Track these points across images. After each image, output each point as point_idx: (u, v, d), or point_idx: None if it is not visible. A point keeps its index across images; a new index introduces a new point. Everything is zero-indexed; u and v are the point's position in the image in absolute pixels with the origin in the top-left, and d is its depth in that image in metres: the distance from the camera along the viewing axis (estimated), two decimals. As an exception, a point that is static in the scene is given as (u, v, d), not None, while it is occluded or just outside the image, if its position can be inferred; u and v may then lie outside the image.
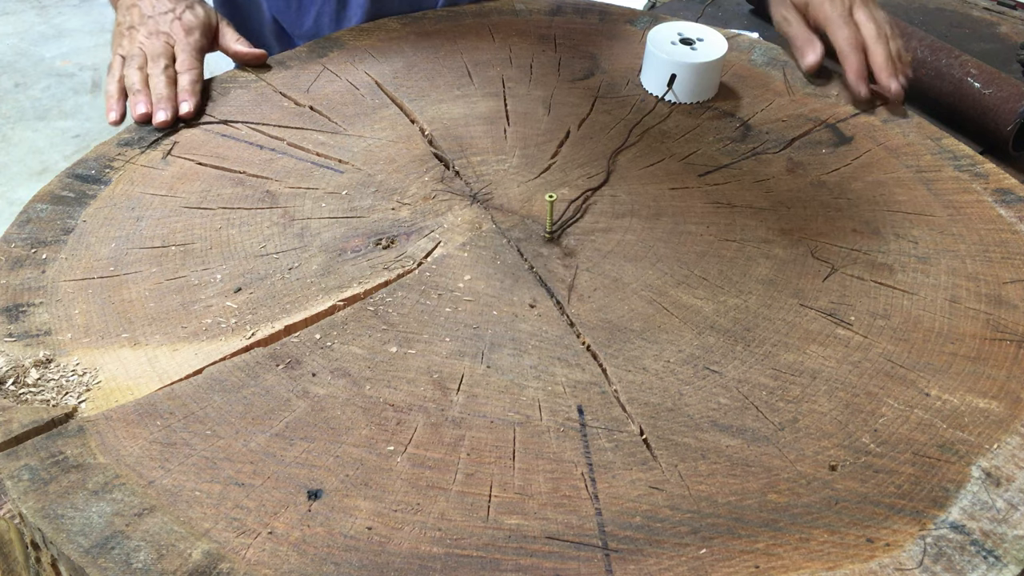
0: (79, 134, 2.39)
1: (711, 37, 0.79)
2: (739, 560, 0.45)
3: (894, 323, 0.58)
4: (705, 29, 0.80)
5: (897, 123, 0.78)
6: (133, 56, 0.76)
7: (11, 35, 2.82)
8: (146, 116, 0.73)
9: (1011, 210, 0.68)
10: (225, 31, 0.83)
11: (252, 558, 0.44)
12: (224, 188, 0.68)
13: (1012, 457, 0.50)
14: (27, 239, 0.63)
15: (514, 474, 0.48)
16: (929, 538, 0.46)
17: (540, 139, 0.75)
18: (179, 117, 0.73)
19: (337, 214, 0.66)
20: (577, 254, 0.63)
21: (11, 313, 0.57)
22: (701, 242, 0.64)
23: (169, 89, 0.74)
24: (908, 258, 0.64)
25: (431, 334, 0.56)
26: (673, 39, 0.79)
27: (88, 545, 0.44)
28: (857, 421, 0.52)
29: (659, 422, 0.51)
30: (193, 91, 0.75)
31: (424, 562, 0.44)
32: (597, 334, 0.57)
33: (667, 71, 0.75)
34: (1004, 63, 1.04)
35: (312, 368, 0.54)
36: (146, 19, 0.79)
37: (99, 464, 0.48)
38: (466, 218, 0.66)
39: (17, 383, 0.52)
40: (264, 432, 0.50)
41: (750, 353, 0.56)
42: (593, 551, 0.45)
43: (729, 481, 0.48)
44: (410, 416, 0.51)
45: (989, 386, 0.54)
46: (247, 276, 0.60)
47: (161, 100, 0.73)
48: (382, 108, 0.78)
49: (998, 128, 0.87)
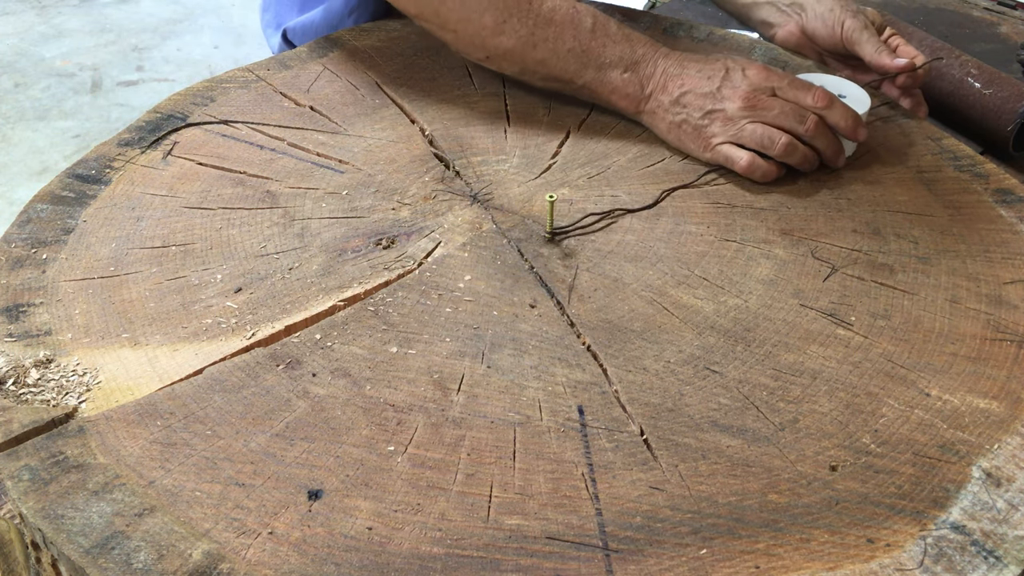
0: (79, 134, 2.39)
1: (855, 94, 0.75)
2: (739, 560, 0.45)
3: (894, 323, 0.58)
4: (850, 85, 0.76)
5: (897, 123, 0.78)
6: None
7: (11, 35, 2.82)
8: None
9: (1011, 210, 0.68)
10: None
11: (252, 558, 0.44)
12: (224, 188, 0.68)
13: (1012, 457, 0.50)
14: (27, 239, 0.63)
15: (514, 474, 0.48)
16: (929, 538, 0.46)
17: (540, 139, 0.75)
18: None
19: (337, 214, 0.66)
20: (577, 254, 0.63)
21: (11, 313, 0.57)
22: (701, 242, 0.64)
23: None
24: (908, 258, 0.64)
25: (431, 334, 0.56)
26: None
27: (88, 545, 0.44)
28: (857, 421, 0.52)
29: (659, 422, 0.51)
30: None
31: (424, 562, 0.44)
32: (597, 334, 0.57)
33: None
34: (1004, 63, 1.04)
35: (312, 368, 0.54)
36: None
37: (99, 464, 0.48)
38: (466, 218, 0.66)
39: (17, 383, 0.52)
40: (264, 432, 0.50)
41: (750, 353, 0.56)
42: (593, 551, 0.45)
43: (729, 481, 0.48)
44: (410, 416, 0.51)
45: (989, 386, 0.54)
46: (247, 276, 0.60)
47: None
48: (382, 108, 0.78)
49: (998, 128, 0.87)
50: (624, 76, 0.74)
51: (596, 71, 0.74)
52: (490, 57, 0.76)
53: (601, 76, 0.74)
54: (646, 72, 0.73)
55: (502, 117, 0.77)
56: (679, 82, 0.72)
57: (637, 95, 0.74)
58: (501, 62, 0.77)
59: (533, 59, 0.75)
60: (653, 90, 0.73)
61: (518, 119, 0.77)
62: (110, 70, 2.68)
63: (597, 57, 0.73)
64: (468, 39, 0.76)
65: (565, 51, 0.74)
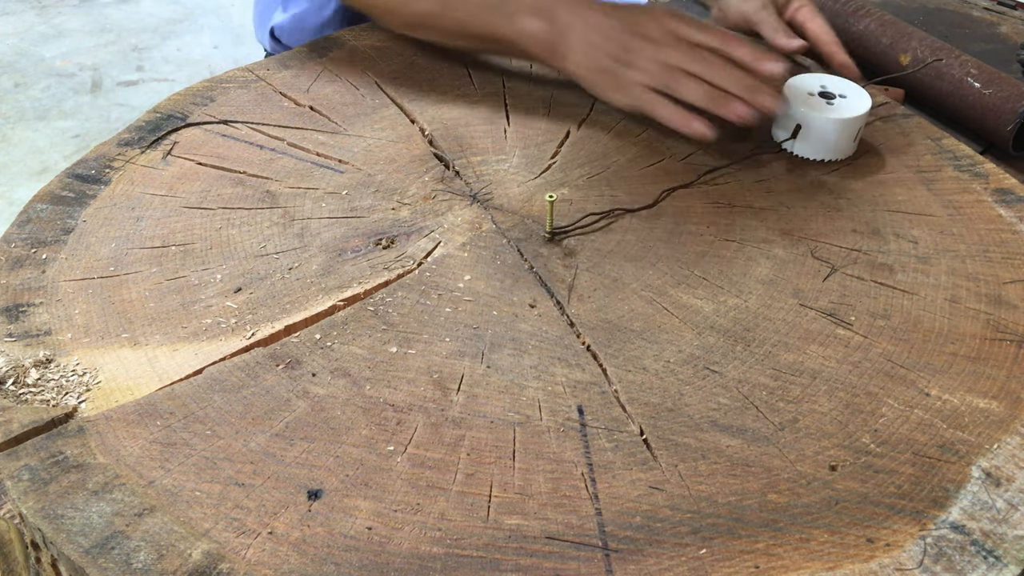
0: (79, 134, 2.39)
1: (855, 93, 0.75)
2: (739, 560, 0.45)
3: (894, 323, 0.58)
4: (850, 85, 0.76)
5: (897, 123, 0.78)
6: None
7: (11, 35, 2.82)
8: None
9: (1011, 210, 0.68)
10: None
11: (252, 558, 0.44)
12: (224, 188, 0.68)
13: (1012, 457, 0.50)
14: (27, 239, 0.63)
15: (514, 474, 0.48)
16: (929, 538, 0.46)
17: (540, 139, 0.75)
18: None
19: (337, 214, 0.66)
20: (577, 254, 0.63)
21: (11, 313, 0.57)
22: (701, 242, 0.64)
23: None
24: (908, 258, 0.64)
25: (431, 334, 0.56)
26: (812, 90, 0.76)
27: (88, 545, 0.44)
28: (857, 421, 0.52)
29: (659, 422, 0.51)
30: None
31: (424, 562, 0.44)
32: (597, 334, 0.57)
33: (794, 120, 0.73)
34: (1004, 63, 1.04)
35: (312, 368, 0.54)
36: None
37: (99, 464, 0.48)
38: (466, 218, 0.66)
39: (17, 383, 0.52)
40: (264, 432, 0.50)
41: (750, 353, 0.56)
42: (593, 551, 0.45)
43: (729, 481, 0.48)
44: (410, 416, 0.51)
45: (989, 386, 0.54)
46: (247, 276, 0.60)
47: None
48: (382, 108, 0.78)
49: (998, 128, 0.87)
50: (537, 24, 0.74)
51: (510, 21, 0.75)
52: (410, 24, 0.79)
53: (515, 26, 0.75)
54: (559, 19, 0.74)
55: (502, 117, 0.77)
56: (593, 25, 0.72)
57: (552, 41, 0.74)
58: (420, 28, 0.79)
59: (451, 20, 0.77)
60: (567, 36, 0.73)
61: (518, 119, 0.77)
62: (110, 70, 2.69)
63: (509, 7, 0.74)
64: (386, 8, 0.80)
65: (478, 6, 0.75)
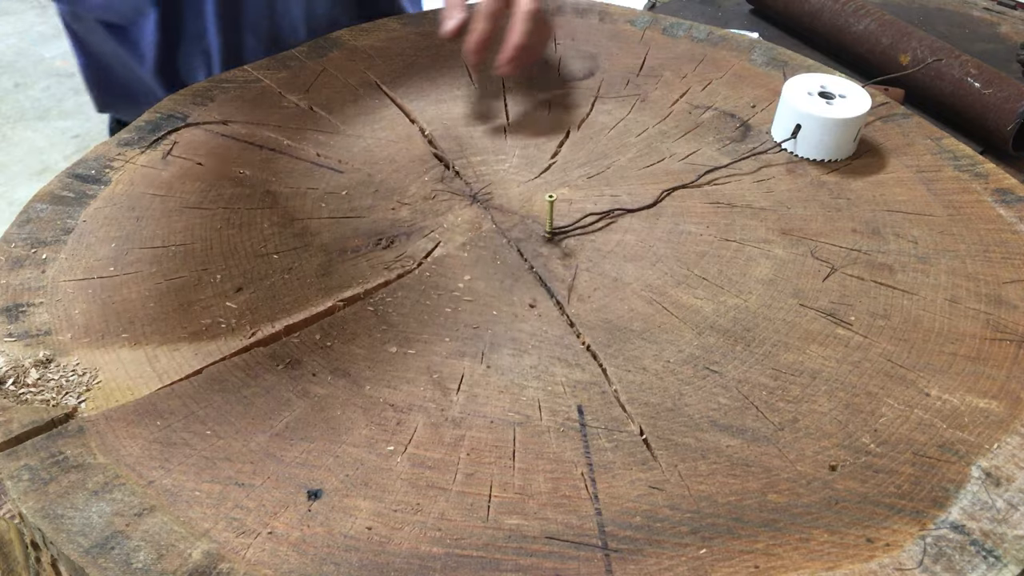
0: (79, 134, 2.39)
1: (855, 93, 0.75)
2: (739, 560, 0.45)
3: (894, 323, 0.58)
4: (850, 85, 0.75)
5: (897, 123, 0.78)
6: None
7: (11, 35, 2.82)
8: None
9: (1011, 210, 0.68)
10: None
11: (252, 558, 0.44)
12: (224, 188, 0.68)
13: (1012, 457, 0.50)
14: (27, 239, 0.63)
15: (514, 474, 0.48)
16: (929, 538, 0.46)
17: (540, 139, 0.75)
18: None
19: (337, 214, 0.66)
20: (577, 254, 0.63)
21: (11, 313, 0.57)
22: (701, 242, 0.64)
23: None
24: (908, 258, 0.64)
25: (431, 334, 0.56)
26: (811, 90, 0.76)
27: (88, 545, 0.44)
28: (857, 421, 0.52)
29: (659, 422, 0.51)
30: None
31: (424, 562, 0.44)
32: (597, 334, 0.57)
33: (793, 120, 0.73)
34: (1004, 63, 1.04)
35: (312, 368, 0.54)
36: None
37: (99, 464, 0.48)
38: (466, 218, 0.66)
39: (17, 383, 0.52)
40: (264, 432, 0.50)
41: (750, 353, 0.56)
42: (593, 551, 0.45)
43: (729, 481, 0.48)
44: (410, 416, 0.51)
45: (989, 386, 0.54)
46: (247, 276, 0.60)
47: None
48: (382, 108, 0.78)
49: (998, 128, 0.87)
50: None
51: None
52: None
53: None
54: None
55: (502, 117, 0.77)
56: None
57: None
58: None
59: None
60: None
61: (518, 119, 0.77)
62: (110, 70, 2.68)
63: None
64: None
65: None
